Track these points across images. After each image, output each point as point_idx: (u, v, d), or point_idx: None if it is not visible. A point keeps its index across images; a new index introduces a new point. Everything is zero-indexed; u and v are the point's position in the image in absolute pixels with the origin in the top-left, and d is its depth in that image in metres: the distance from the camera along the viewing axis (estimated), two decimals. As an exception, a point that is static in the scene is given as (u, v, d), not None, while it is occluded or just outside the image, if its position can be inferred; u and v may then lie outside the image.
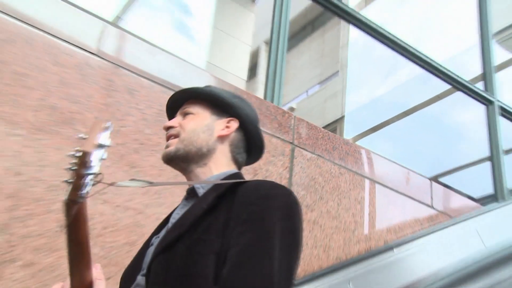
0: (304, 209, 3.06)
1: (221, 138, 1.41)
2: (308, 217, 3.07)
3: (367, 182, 3.54)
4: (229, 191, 1.22)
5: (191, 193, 1.36)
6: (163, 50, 2.94)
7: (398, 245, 3.32)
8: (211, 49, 7.42)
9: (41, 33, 2.45)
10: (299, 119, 3.38)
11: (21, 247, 2.00)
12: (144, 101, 2.68)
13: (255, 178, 2.91)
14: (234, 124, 1.42)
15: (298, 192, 3.09)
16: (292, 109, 10.33)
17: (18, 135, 2.20)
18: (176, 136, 1.39)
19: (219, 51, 7.52)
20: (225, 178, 1.33)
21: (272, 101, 3.47)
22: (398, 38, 4.60)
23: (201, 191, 1.31)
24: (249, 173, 2.89)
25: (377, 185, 3.60)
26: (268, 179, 2.95)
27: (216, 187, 1.26)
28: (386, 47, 4.59)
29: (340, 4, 4.36)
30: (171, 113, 1.51)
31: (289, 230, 1.15)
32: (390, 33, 4.57)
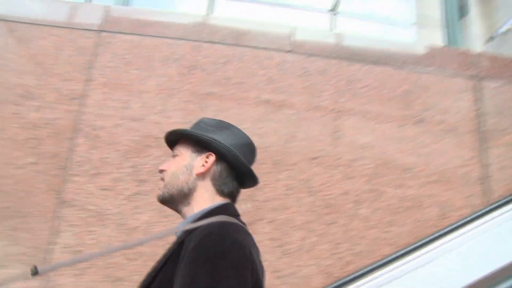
0: (498, 134, 2.94)
1: (201, 175, 1.33)
2: (504, 140, 2.95)
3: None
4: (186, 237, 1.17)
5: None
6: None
7: None
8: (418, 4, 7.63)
9: (248, 49, 2.82)
10: (479, 54, 3.23)
11: (264, 209, 2.40)
12: (334, 77, 2.88)
13: (445, 118, 2.90)
14: (211, 159, 1.34)
15: (488, 120, 2.98)
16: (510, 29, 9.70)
17: (246, 128, 2.60)
18: (164, 179, 1.37)
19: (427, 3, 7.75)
20: (200, 217, 1.25)
21: (451, 45, 3.38)
22: None
23: (178, 234, 1.28)
24: (439, 115, 2.90)
25: None
26: (457, 115, 2.92)
27: (186, 232, 1.20)
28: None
29: None
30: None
31: (217, 279, 1.04)
32: None
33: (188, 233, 1.17)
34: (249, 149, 1.41)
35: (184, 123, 2.60)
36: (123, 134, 2.62)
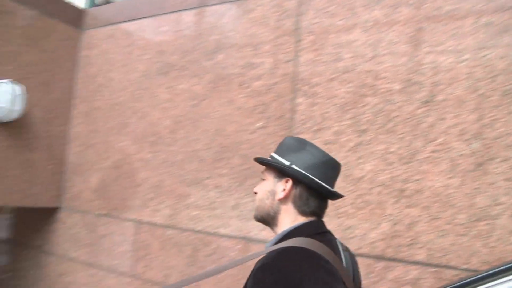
0: None
1: (283, 199, 1.47)
2: None
3: None
4: None
5: None
6: None
7: None
8: None
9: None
10: None
11: (495, 147, 2.20)
12: None
13: None
14: (289, 184, 1.46)
15: None
16: None
17: (465, 59, 2.39)
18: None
19: None
20: (281, 238, 1.43)
21: None
22: None
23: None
24: None
25: None
26: None
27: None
28: None
29: None
30: None
31: None
32: None
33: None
34: (328, 166, 1.50)
35: (397, 66, 2.53)
36: (338, 87, 2.68)
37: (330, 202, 1.57)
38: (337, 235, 2.31)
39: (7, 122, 3.40)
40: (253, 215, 1.57)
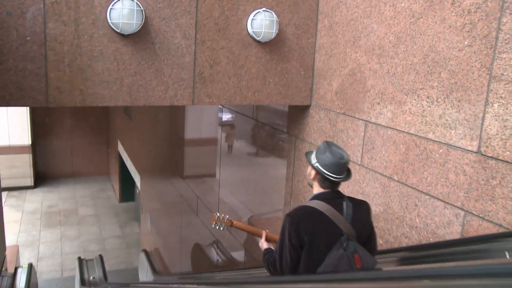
0: None
1: (313, 178, 2.93)
2: None
3: None
4: None
5: None
6: None
7: None
8: None
9: None
10: None
11: None
12: None
13: None
14: (314, 172, 2.91)
15: None
16: None
17: None
18: None
19: None
20: (311, 199, 2.90)
21: None
22: None
23: None
24: None
25: None
26: None
27: None
28: None
29: None
30: None
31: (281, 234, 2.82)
32: None
33: None
34: (334, 165, 2.79)
35: None
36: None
37: None
38: None
39: (266, 42, 4.42)
40: None
